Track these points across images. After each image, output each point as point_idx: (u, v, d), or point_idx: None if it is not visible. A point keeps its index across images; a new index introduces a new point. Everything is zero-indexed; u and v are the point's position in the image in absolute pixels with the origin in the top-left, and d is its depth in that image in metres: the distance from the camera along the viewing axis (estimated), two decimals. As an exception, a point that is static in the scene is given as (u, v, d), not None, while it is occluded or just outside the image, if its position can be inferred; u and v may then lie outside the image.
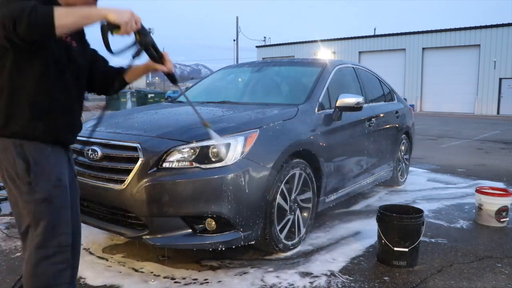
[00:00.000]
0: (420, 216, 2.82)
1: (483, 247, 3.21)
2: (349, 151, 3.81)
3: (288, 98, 3.88)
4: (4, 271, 2.72)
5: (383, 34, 29.49)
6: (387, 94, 5.16)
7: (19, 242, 3.24)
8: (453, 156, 7.89)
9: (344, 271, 2.74)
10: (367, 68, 4.97)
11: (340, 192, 3.75)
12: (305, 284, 2.56)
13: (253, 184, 2.65)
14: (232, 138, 2.66)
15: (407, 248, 2.76)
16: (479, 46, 24.84)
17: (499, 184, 5.30)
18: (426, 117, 20.19)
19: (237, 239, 2.62)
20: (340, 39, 31.33)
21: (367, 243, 3.24)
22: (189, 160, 2.57)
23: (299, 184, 3.09)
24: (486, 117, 21.81)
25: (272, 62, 4.59)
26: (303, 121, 3.24)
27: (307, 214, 3.22)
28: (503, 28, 24.06)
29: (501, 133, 12.78)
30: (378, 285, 2.56)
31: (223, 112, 3.24)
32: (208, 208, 2.53)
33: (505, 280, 2.64)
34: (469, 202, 4.47)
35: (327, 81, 3.78)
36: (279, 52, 33.88)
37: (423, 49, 27.04)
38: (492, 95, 24.38)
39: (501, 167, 6.75)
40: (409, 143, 5.45)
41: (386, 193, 4.92)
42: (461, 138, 11.17)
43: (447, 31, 26.07)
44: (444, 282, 2.59)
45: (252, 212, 2.66)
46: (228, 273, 2.69)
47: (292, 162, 2.96)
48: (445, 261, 2.92)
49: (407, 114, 5.40)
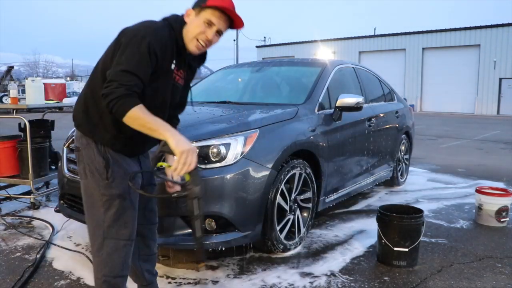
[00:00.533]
0: (420, 216, 2.82)
1: (483, 247, 3.21)
2: (349, 151, 3.81)
3: (288, 98, 3.88)
4: (4, 271, 2.72)
5: (383, 34, 29.50)
6: (387, 94, 5.16)
7: (19, 242, 3.24)
8: (453, 156, 7.89)
9: (344, 271, 2.74)
10: (367, 68, 4.97)
11: (340, 192, 3.75)
12: (305, 284, 2.56)
13: (253, 184, 2.65)
14: (232, 138, 2.66)
15: (407, 248, 2.76)
16: (479, 46, 24.85)
17: (499, 184, 5.30)
18: (426, 117, 20.20)
19: (237, 239, 2.62)
20: (340, 39, 31.33)
21: (367, 243, 3.23)
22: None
23: (299, 184, 3.09)
24: (486, 117, 21.81)
25: (272, 62, 4.59)
26: (303, 121, 3.24)
27: (307, 214, 3.22)
28: (503, 28, 24.07)
29: (501, 133, 12.78)
30: (378, 285, 2.56)
31: (223, 112, 3.24)
32: (208, 208, 2.52)
33: (505, 280, 2.64)
34: (469, 202, 4.47)
35: (327, 81, 3.78)
36: (279, 52, 33.88)
37: (423, 49, 27.05)
38: (492, 95, 24.39)
39: (501, 167, 6.75)
40: (409, 143, 5.45)
41: (386, 193, 4.92)
42: (461, 138, 11.17)
43: (447, 31, 26.08)
44: (444, 282, 2.59)
45: (252, 212, 2.66)
46: (228, 273, 2.69)
47: (292, 162, 2.96)
48: (445, 261, 2.92)
49: (407, 114, 5.40)
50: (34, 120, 4.81)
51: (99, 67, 1.74)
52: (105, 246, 1.78)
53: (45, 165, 4.36)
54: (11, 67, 35.78)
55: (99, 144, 1.76)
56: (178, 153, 1.53)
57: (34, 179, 4.11)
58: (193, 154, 1.56)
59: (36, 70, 68.05)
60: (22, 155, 4.18)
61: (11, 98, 4.39)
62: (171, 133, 1.55)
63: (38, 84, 4.52)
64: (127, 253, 1.82)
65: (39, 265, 2.79)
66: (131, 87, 1.56)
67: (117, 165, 1.76)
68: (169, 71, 1.75)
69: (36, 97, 4.45)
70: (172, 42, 1.73)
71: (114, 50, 1.67)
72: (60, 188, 3.14)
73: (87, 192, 1.80)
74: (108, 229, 1.77)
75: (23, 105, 4.34)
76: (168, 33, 1.71)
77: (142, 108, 1.56)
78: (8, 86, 21.96)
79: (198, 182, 1.62)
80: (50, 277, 2.64)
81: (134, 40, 1.62)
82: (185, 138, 1.57)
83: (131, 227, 1.81)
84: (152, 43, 1.62)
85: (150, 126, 1.55)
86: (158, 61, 1.67)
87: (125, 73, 1.56)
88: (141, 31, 1.65)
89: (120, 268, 1.81)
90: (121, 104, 1.53)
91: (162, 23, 1.74)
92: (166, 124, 1.59)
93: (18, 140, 4.31)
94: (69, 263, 2.82)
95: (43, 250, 3.03)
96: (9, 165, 4.25)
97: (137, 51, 1.60)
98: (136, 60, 1.59)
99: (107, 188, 1.74)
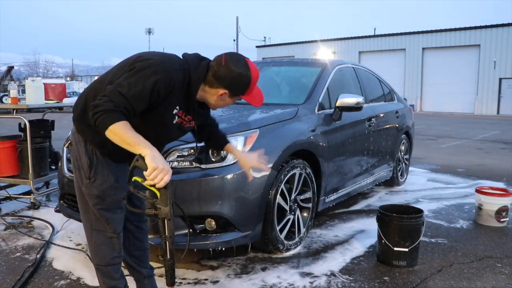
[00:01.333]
0: (420, 216, 2.82)
1: (483, 247, 3.21)
2: (349, 151, 3.81)
3: (288, 98, 3.87)
4: (4, 271, 2.72)
5: (383, 34, 29.50)
6: (387, 94, 5.16)
7: (19, 242, 3.24)
8: (453, 156, 7.89)
9: (344, 271, 2.74)
10: (367, 68, 4.97)
11: (340, 192, 3.76)
12: (305, 284, 2.56)
13: (253, 184, 2.65)
14: (232, 138, 2.66)
15: (407, 248, 2.76)
16: (479, 46, 24.85)
17: (499, 184, 5.30)
18: (426, 117, 20.19)
19: (237, 239, 2.62)
20: (340, 39, 31.33)
21: (367, 243, 3.24)
22: (189, 160, 2.58)
23: (299, 184, 3.09)
24: (486, 117, 21.81)
25: (272, 62, 4.59)
26: (303, 121, 3.24)
27: (307, 214, 3.22)
28: (503, 28, 24.07)
29: (501, 133, 12.78)
30: (378, 285, 2.56)
31: (223, 112, 3.24)
32: (208, 208, 2.53)
33: (505, 280, 2.64)
34: (469, 202, 4.47)
35: (327, 81, 3.78)
36: (279, 52, 33.88)
37: (423, 49, 27.05)
38: (492, 95, 24.39)
39: (501, 167, 6.75)
40: (409, 143, 5.46)
41: (386, 193, 4.92)
42: (461, 138, 11.17)
43: (447, 31, 26.08)
44: (444, 282, 2.59)
45: (252, 212, 2.66)
46: (228, 273, 2.69)
47: (292, 162, 2.96)
48: (445, 261, 2.92)
49: (407, 114, 5.40)
50: (34, 120, 4.81)
51: (107, 79, 1.75)
52: (93, 237, 1.89)
53: (45, 165, 4.37)
54: (11, 67, 35.81)
55: (88, 144, 1.81)
56: (150, 168, 1.53)
57: (34, 179, 4.11)
58: (165, 174, 1.54)
59: (36, 70, 68.09)
60: (22, 155, 4.18)
61: (11, 98, 4.39)
62: (150, 150, 1.55)
63: (38, 84, 4.52)
64: (115, 244, 1.90)
65: (39, 265, 2.79)
66: (119, 105, 1.57)
67: (100, 167, 1.81)
68: (170, 115, 1.76)
69: (36, 97, 4.45)
70: (182, 88, 1.72)
71: (124, 72, 1.69)
72: (60, 188, 3.14)
73: (76, 184, 1.89)
74: (95, 221, 1.87)
75: (23, 105, 4.34)
76: (181, 79, 1.70)
77: (125, 125, 1.57)
78: (8, 86, 21.97)
79: (167, 203, 1.62)
80: (50, 277, 2.64)
81: (145, 71, 1.62)
82: (164, 159, 1.57)
83: (113, 224, 1.88)
84: (160, 83, 1.62)
85: (129, 141, 1.56)
86: (160, 99, 1.67)
87: (120, 96, 1.59)
88: (156, 66, 1.64)
89: (110, 257, 1.90)
90: (105, 117, 1.55)
91: (180, 66, 1.71)
92: (147, 142, 1.59)
93: (18, 140, 4.31)
94: (69, 263, 2.82)
95: (43, 250, 3.03)
96: (9, 165, 4.25)
97: (142, 83, 1.61)
98: (137, 90, 1.60)
99: (88, 187, 1.82)
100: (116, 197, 1.86)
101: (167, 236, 1.68)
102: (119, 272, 1.97)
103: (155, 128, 1.77)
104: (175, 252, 1.79)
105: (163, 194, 1.61)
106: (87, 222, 1.90)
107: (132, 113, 1.62)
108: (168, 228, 1.67)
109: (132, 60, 1.72)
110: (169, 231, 1.68)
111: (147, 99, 1.63)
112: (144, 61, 1.66)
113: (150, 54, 1.73)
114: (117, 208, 1.89)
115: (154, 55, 1.71)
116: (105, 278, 1.95)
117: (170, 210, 1.63)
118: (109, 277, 1.94)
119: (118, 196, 1.87)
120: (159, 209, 1.63)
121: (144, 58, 1.69)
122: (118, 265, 1.96)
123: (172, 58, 1.74)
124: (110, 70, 1.81)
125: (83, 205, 1.89)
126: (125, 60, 1.78)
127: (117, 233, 1.90)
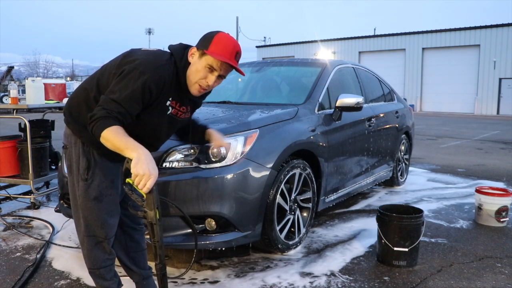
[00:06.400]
0: (420, 216, 2.83)
1: (483, 247, 3.21)
2: (349, 151, 3.81)
3: (288, 98, 3.88)
4: (4, 271, 2.72)
5: (383, 34, 29.49)
6: (387, 94, 5.16)
7: (19, 242, 3.24)
8: (453, 156, 7.89)
9: (344, 271, 2.74)
10: (367, 68, 4.97)
11: (340, 192, 3.76)
12: (305, 284, 2.56)
13: (253, 184, 2.65)
14: (232, 138, 2.66)
15: (407, 248, 2.76)
16: (479, 46, 24.84)
17: (499, 184, 5.31)
18: (426, 117, 20.19)
19: (237, 239, 2.62)
20: (340, 39, 31.32)
21: (367, 243, 3.24)
22: (189, 160, 2.58)
23: (299, 184, 3.09)
24: (486, 117, 21.81)
25: (272, 62, 4.59)
26: (303, 121, 3.24)
27: (307, 214, 3.22)
28: (503, 28, 24.07)
29: (501, 133, 12.78)
30: (378, 285, 2.56)
31: (223, 112, 3.24)
32: (208, 208, 2.53)
33: (505, 280, 2.65)
34: (469, 202, 4.47)
35: (327, 81, 3.78)
36: (279, 52, 33.88)
37: (423, 49, 27.05)
38: (492, 95, 24.39)
39: (501, 167, 6.75)
40: (409, 143, 5.45)
41: (386, 193, 4.92)
42: (461, 138, 11.17)
43: (447, 31, 26.07)
44: (444, 282, 2.60)
45: (252, 212, 2.66)
46: (228, 273, 2.69)
47: (292, 162, 2.96)
48: (445, 261, 2.92)
49: (407, 114, 5.40)
50: (34, 120, 4.81)
51: (96, 76, 1.80)
52: (85, 242, 1.91)
53: (45, 165, 4.37)
54: (11, 67, 35.81)
55: (85, 145, 1.83)
56: (133, 174, 1.56)
57: (34, 179, 4.11)
58: (148, 179, 1.55)
59: (36, 70, 68.04)
60: (22, 155, 4.19)
61: (12, 98, 4.39)
62: (137, 154, 1.56)
63: (38, 84, 4.52)
64: (106, 247, 1.93)
65: (39, 265, 2.79)
66: (112, 112, 1.60)
67: (98, 168, 1.83)
68: (164, 107, 1.79)
69: (36, 97, 4.46)
70: (172, 80, 1.75)
71: (115, 73, 1.72)
72: (60, 188, 3.14)
73: (71, 189, 1.91)
74: (86, 227, 1.88)
75: (23, 105, 4.34)
76: (170, 72, 1.73)
77: (116, 129, 1.58)
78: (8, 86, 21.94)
79: (152, 208, 1.63)
80: (50, 277, 2.64)
81: (133, 73, 1.65)
82: (151, 162, 1.57)
83: (107, 228, 1.89)
84: (150, 81, 1.66)
85: (118, 145, 1.58)
86: (153, 98, 1.70)
87: (113, 102, 1.63)
88: (142, 66, 1.67)
89: (102, 260, 1.93)
90: (98, 125, 1.59)
91: (167, 60, 1.74)
92: (137, 145, 1.59)
93: (18, 140, 4.31)
94: (69, 263, 2.82)
95: (43, 250, 3.03)
96: (9, 165, 4.25)
97: (132, 85, 1.64)
98: (128, 93, 1.63)
99: (85, 189, 1.83)
100: (113, 197, 1.88)
101: (157, 241, 1.69)
102: (111, 273, 2.01)
103: (151, 124, 1.79)
104: (165, 256, 1.80)
105: (148, 199, 1.62)
106: (79, 227, 1.92)
107: (128, 116, 1.65)
108: (155, 232, 1.67)
109: (119, 61, 1.75)
110: (156, 235, 1.68)
111: (140, 100, 1.66)
112: (131, 63, 1.70)
113: (135, 54, 1.75)
114: (114, 210, 1.90)
115: (139, 55, 1.74)
116: (98, 280, 1.99)
117: (155, 215, 1.64)
118: (102, 278, 1.98)
119: (115, 197, 1.89)
120: (145, 212, 1.65)
121: (130, 60, 1.72)
122: (110, 266, 1.99)
123: (157, 54, 1.77)
124: (97, 72, 1.84)
125: (75, 211, 1.91)
126: (113, 60, 1.80)
127: (109, 238, 1.92)
